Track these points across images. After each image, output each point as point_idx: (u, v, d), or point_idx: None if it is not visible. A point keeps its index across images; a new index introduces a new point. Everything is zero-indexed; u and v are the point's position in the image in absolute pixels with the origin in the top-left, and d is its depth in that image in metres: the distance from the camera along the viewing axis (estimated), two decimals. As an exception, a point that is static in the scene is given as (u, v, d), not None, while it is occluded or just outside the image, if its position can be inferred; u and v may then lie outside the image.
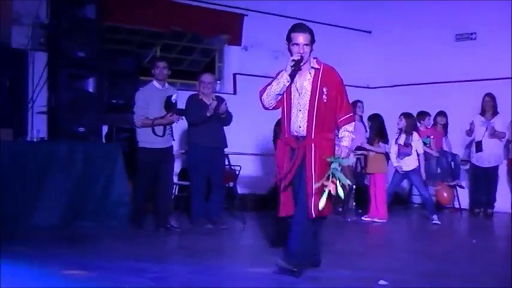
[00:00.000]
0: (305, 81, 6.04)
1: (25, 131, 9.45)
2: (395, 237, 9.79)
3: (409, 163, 10.69)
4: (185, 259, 6.81)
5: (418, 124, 11.48)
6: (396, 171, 10.85)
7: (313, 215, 5.83)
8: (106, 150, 9.20)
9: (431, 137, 12.18)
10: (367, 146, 11.04)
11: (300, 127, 6.02)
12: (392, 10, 14.36)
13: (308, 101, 6.00)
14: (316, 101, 5.98)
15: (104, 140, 9.99)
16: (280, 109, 6.18)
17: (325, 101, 5.99)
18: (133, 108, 8.85)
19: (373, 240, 9.59)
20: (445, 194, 12.33)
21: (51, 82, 9.55)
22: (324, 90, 6.00)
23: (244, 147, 11.33)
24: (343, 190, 5.58)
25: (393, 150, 10.80)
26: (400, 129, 10.80)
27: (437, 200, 12.29)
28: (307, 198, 5.89)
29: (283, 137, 6.15)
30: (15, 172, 8.23)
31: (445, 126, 12.61)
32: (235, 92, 13.00)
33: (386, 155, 10.94)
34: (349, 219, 10.85)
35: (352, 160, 6.15)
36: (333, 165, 5.62)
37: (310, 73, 6.08)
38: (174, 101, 8.79)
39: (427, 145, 11.81)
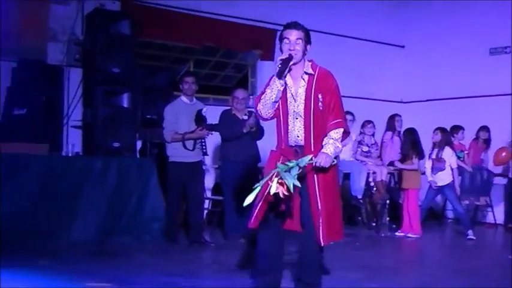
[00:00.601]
0: (299, 88, 5.55)
1: (60, 146, 9.55)
2: (429, 253, 9.73)
3: (443, 178, 10.60)
4: (218, 274, 6.83)
5: (452, 138, 11.41)
6: (430, 186, 10.79)
7: (323, 243, 5.42)
8: (140, 165, 9.25)
9: (466, 151, 12.10)
10: (399, 165, 10.98)
11: (298, 136, 5.55)
12: (425, 24, 14.32)
13: (303, 109, 5.52)
14: (312, 109, 5.49)
15: (138, 155, 10.05)
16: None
17: (321, 108, 5.48)
18: (163, 124, 8.93)
19: (407, 255, 9.54)
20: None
21: (86, 97, 9.64)
22: (319, 97, 5.49)
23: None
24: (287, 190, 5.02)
25: (428, 165, 10.74)
26: (434, 144, 10.75)
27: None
28: (315, 222, 5.42)
29: (279, 148, 5.63)
30: (50, 186, 8.31)
31: (487, 141, 12.48)
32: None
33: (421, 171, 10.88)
34: (382, 235, 10.79)
35: (306, 159, 5.22)
36: (279, 166, 5.16)
37: (303, 79, 5.56)
38: (204, 115, 8.85)
39: (461, 159, 11.73)
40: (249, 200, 5.01)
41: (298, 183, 5.01)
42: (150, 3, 11.22)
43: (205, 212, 10.21)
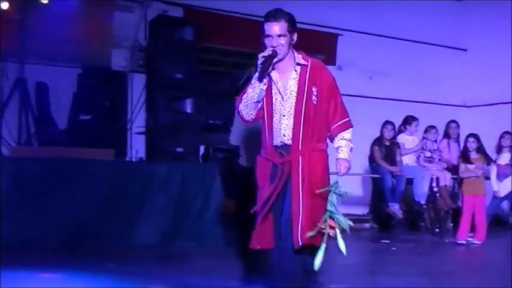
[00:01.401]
0: (290, 81, 4.89)
1: (124, 151, 9.67)
2: (492, 260, 9.57)
3: (508, 185, 10.44)
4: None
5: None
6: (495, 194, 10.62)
7: (299, 243, 4.67)
8: (203, 170, 9.27)
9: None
10: (465, 169, 10.70)
11: (284, 136, 4.87)
12: (487, 26, 14.11)
13: (294, 104, 4.87)
14: (304, 103, 4.84)
15: (200, 160, 10.10)
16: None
17: (314, 102, 4.86)
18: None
19: (470, 262, 9.40)
20: None
21: (150, 103, 9.75)
22: (313, 90, 4.87)
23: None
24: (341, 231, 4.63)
25: (493, 171, 10.56)
26: (499, 148, 10.56)
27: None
28: (293, 222, 4.73)
29: (264, 151, 5.01)
30: (116, 191, 8.41)
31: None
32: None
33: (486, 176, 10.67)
34: (446, 240, 10.65)
35: (349, 192, 4.66)
36: (329, 203, 4.64)
37: (295, 71, 4.91)
38: None
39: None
40: (318, 262, 4.71)
41: (350, 222, 4.71)
42: (212, 9, 11.31)
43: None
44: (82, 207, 7.92)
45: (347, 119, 5.00)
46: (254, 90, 4.85)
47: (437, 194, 11.24)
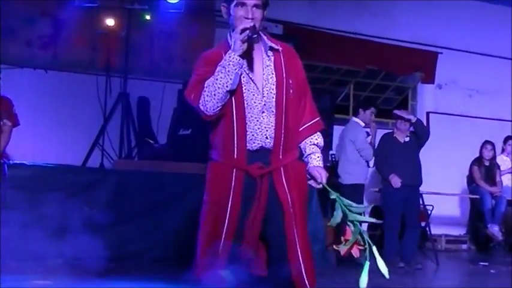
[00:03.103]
0: (265, 68, 3.96)
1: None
2: None
3: None
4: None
5: None
6: None
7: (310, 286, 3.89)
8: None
9: None
10: None
11: (267, 138, 3.90)
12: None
13: (274, 97, 3.93)
14: (285, 96, 3.94)
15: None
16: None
17: (292, 97, 3.97)
18: (358, 147, 9.16)
19: None
20: None
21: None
22: (290, 82, 3.99)
23: (438, 185, 11.13)
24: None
25: None
26: None
27: None
28: (292, 259, 3.88)
29: (226, 157, 3.93)
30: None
31: None
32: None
33: None
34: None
35: (363, 207, 3.99)
36: (354, 223, 3.79)
37: (268, 56, 4.00)
38: None
39: None
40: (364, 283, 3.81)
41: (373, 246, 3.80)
42: (312, 26, 11.36)
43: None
44: (181, 222, 8.01)
45: (317, 118, 4.13)
46: (227, 74, 3.79)
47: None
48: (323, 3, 11.43)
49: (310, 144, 4.07)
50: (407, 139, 9.15)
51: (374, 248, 3.78)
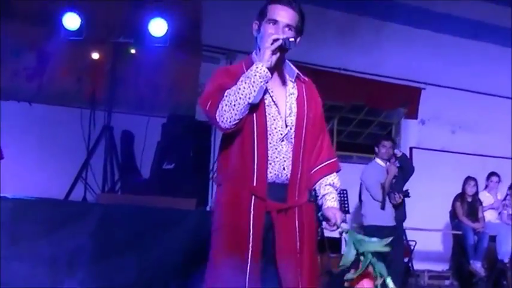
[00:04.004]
0: (288, 97, 3.77)
1: (206, 201, 9.74)
2: None
3: None
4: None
5: None
6: None
7: None
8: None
9: None
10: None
11: (284, 169, 3.67)
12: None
13: (294, 127, 3.71)
14: (304, 130, 3.73)
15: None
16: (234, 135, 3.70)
17: (310, 132, 3.80)
18: (368, 187, 9.05)
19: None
20: None
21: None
22: (311, 116, 3.81)
23: (420, 221, 11.15)
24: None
25: None
26: None
27: None
28: None
29: (244, 183, 3.65)
30: (198, 240, 8.44)
31: None
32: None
33: None
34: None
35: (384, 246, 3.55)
36: (365, 253, 3.51)
37: (293, 83, 3.84)
38: None
39: None
40: None
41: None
42: (296, 60, 11.38)
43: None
44: (164, 256, 7.98)
45: (334, 159, 3.94)
46: (252, 85, 3.53)
47: (522, 253, 11.00)
48: (308, 37, 11.42)
49: (326, 185, 3.86)
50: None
51: (389, 280, 3.50)
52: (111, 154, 9.54)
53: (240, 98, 3.50)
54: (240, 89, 3.51)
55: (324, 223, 3.79)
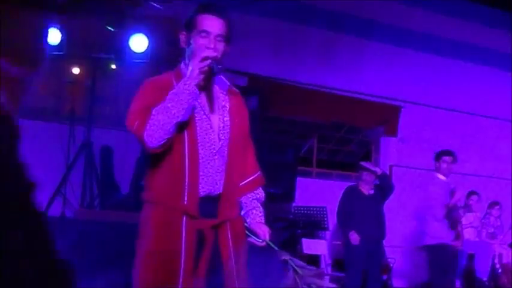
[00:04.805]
0: (221, 108, 3.71)
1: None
2: None
3: None
4: None
5: None
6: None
7: None
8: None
9: None
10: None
11: (216, 184, 3.58)
12: None
13: (227, 141, 3.66)
14: (235, 144, 3.69)
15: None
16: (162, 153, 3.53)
17: (240, 146, 3.76)
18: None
19: None
20: None
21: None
22: (241, 129, 3.80)
23: (400, 238, 11.18)
24: None
25: None
26: None
27: None
28: None
29: (173, 202, 3.53)
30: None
31: None
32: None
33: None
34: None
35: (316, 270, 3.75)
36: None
37: (224, 96, 3.76)
38: None
39: None
40: None
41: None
42: (277, 78, 11.43)
43: None
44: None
45: (259, 172, 3.90)
46: (180, 103, 3.38)
47: (500, 271, 11.02)
48: (288, 55, 11.52)
49: (252, 199, 3.82)
50: (372, 192, 9.14)
51: None
52: (91, 169, 9.50)
53: (168, 117, 3.37)
54: (168, 107, 3.37)
55: (252, 237, 3.74)
